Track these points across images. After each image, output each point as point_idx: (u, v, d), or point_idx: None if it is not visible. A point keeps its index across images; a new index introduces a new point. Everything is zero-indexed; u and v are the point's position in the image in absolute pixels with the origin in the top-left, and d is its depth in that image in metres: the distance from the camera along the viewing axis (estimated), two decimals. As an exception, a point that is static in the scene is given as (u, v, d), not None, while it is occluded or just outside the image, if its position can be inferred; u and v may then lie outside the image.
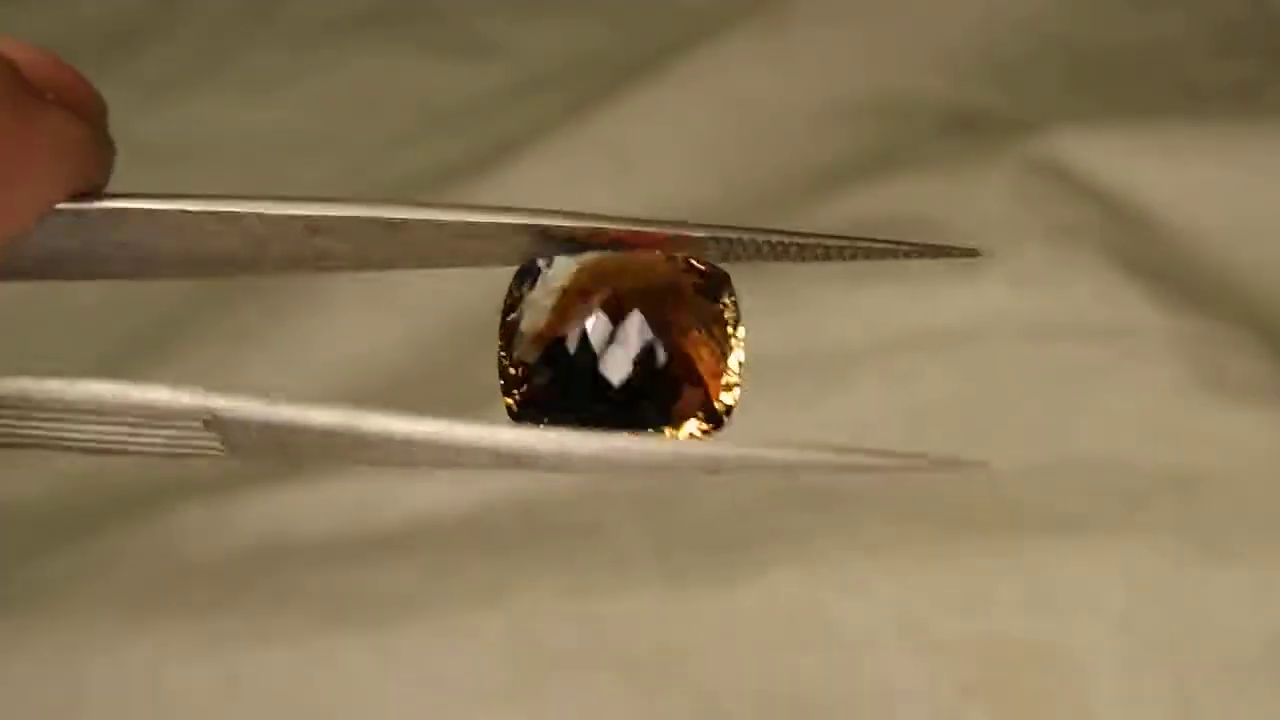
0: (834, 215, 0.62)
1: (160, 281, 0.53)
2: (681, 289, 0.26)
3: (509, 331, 0.25)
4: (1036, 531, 0.52)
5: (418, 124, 0.69)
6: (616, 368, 0.25)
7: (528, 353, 0.25)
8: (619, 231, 0.25)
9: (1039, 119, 0.63)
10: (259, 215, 0.26)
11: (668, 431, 0.26)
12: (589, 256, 0.26)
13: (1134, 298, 0.57)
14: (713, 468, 0.26)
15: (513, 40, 0.72)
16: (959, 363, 0.56)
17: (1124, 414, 0.55)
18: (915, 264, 0.57)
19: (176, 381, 0.24)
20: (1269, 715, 0.48)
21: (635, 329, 0.25)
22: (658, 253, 0.26)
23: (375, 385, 0.58)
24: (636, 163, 0.65)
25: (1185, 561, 0.51)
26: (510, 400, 0.25)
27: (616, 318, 0.25)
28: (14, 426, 0.25)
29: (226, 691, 0.49)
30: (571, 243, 0.26)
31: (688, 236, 0.25)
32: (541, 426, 0.25)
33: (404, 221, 0.25)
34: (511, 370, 0.25)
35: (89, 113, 0.26)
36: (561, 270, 0.25)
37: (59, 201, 0.25)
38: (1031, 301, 0.57)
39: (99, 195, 0.26)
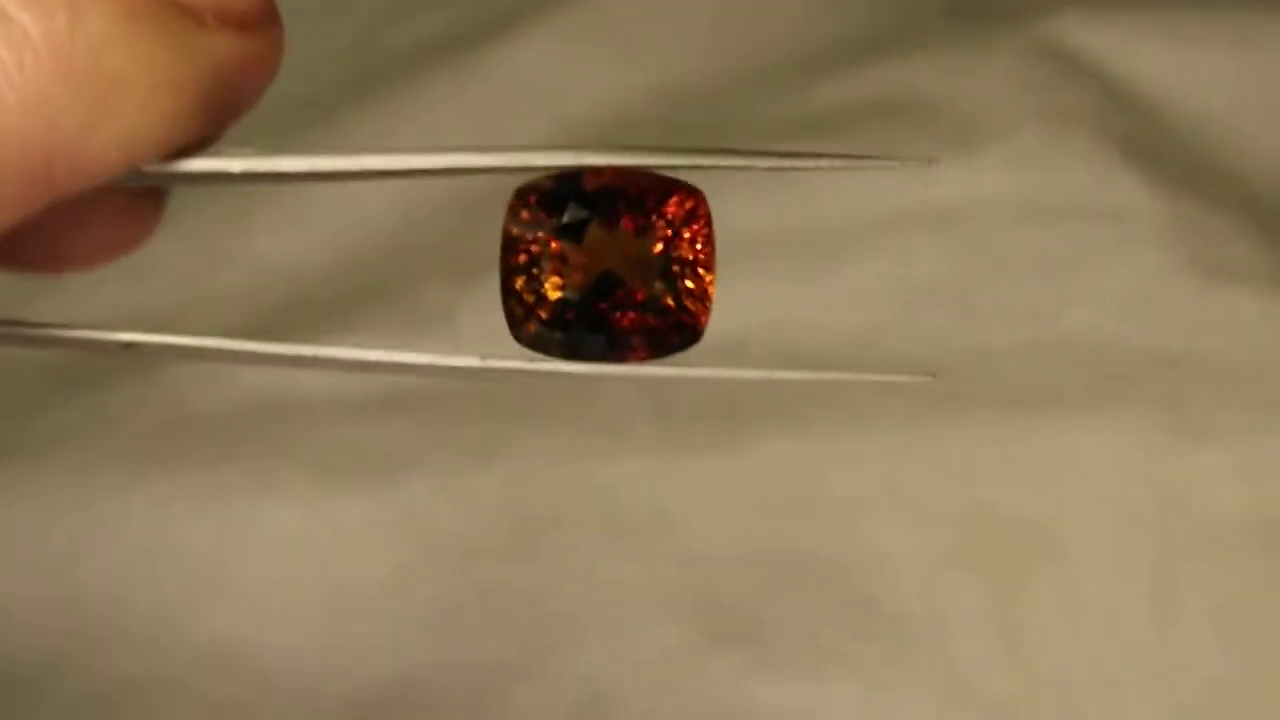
0: (832, 96, 0.62)
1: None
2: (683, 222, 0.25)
3: (528, 271, 0.25)
4: (1026, 408, 0.52)
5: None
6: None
7: (546, 294, 0.25)
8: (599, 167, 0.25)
9: (1041, 2, 0.63)
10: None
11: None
12: (597, 194, 0.25)
13: (1130, 181, 0.57)
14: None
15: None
16: (953, 242, 0.57)
17: (1115, 295, 0.55)
18: (913, 144, 0.58)
19: (183, 241, 0.25)
20: (1250, 591, 0.49)
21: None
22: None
23: (376, 251, 0.58)
24: (637, 41, 0.65)
25: (1171, 438, 0.51)
26: (530, 328, 0.25)
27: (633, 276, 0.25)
28: None
29: (228, 541, 0.50)
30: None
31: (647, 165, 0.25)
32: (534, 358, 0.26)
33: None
34: (529, 300, 0.25)
35: (251, 20, 0.24)
36: (574, 214, 0.25)
37: (183, 136, 0.23)
38: (1027, 183, 0.57)
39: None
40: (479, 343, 0.25)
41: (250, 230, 0.59)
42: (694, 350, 0.26)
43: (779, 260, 0.56)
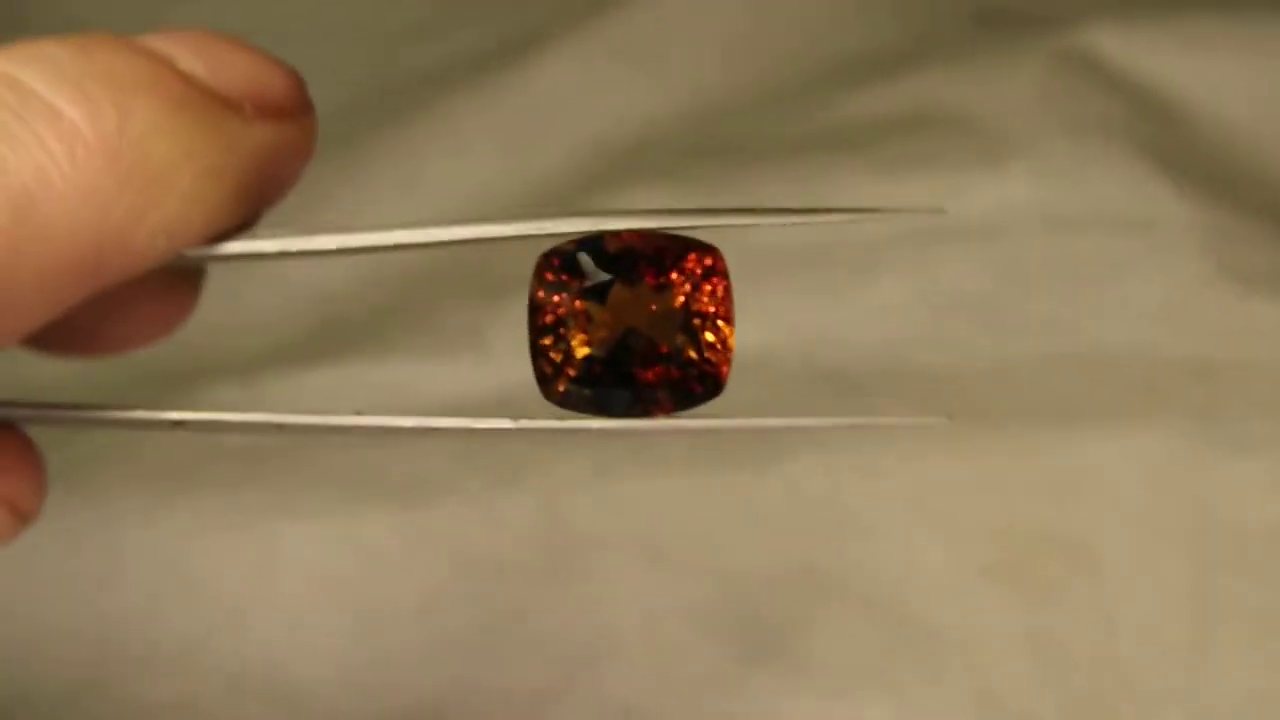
0: (859, 108, 0.62)
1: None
2: (700, 281, 0.26)
3: (555, 331, 0.26)
4: (1058, 420, 0.52)
5: (444, 15, 0.69)
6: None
7: (573, 353, 0.26)
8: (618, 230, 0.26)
9: (1067, 13, 0.63)
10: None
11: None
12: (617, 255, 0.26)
13: (1159, 190, 0.57)
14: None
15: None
16: (982, 254, 0.56)
17: (1146, 305, 0.55)
18: (941, 156, 0.58)
19: (212, 266, 0.26)
20: (1283, 602, 0.49)
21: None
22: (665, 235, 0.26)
23: (404, 272, 0.58)
24: (663, 58, 0.65)
25: (1203, 450, 0.51)
26: (559, 386, 0.26)
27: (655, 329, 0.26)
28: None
29: (258, 563, 0.50)
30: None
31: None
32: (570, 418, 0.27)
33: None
34: (558, 358, 0.26)
35: (287, 110, 0.25)
36: (597, 275, 0.26)
37: (225, 220, 0.25)
38: (1056, 194, 0.57)
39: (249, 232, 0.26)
40: (508, 361, 0.25)
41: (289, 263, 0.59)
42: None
43: (808, 274, 0.56)
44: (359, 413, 0.27)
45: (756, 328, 0.55)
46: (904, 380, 0.53)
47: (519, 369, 0.53)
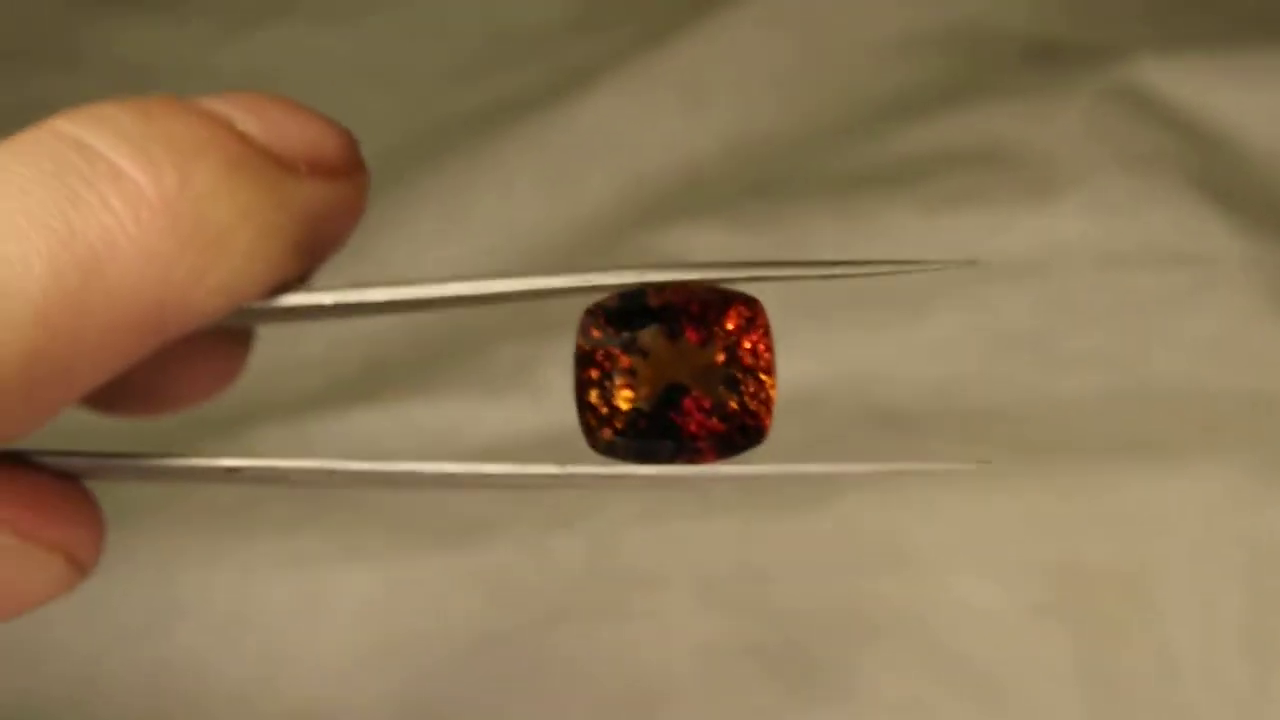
0: (908, 146, 0.62)
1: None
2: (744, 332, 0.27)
3: (600, 384, 0.26)
4: (1112, 456, 0.52)
5: (488, 55, 0.69)
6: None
7: (618, 405, 0.26)
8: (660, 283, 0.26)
9: (1116, 47, 0.63)
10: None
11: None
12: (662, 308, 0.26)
13: (1211, 224, 0.57)
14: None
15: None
16: (1035, 290, 0.56)
17: (1200, 340, 0.54)
18: (993, 192, 0.58)
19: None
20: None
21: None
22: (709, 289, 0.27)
23: (453, 311, 0.58)
24: (709, 95, 0.65)
25: (1259, 485, 0.51)
26: (605, 437, 0.26)
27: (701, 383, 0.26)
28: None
29: (311, 606, 0.50)
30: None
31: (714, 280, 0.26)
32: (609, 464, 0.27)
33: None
34: (603, 411, 0.26)
35: (341, 169, 0.26)
36: (640, 329, 0.26)
37: (281, 276, 0.25)
38: (1108, 228, 0.57)
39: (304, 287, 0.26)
40: (558, 401, 0.26)
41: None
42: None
43: (859, 311, 0.56)
44: (410, 459, 0.27)
45: (807, 365, 0.55)
46: (957, 418, 0.53)
47: (568, 409, 0.53)
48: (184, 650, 0.49)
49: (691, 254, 0.58)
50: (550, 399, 0.54)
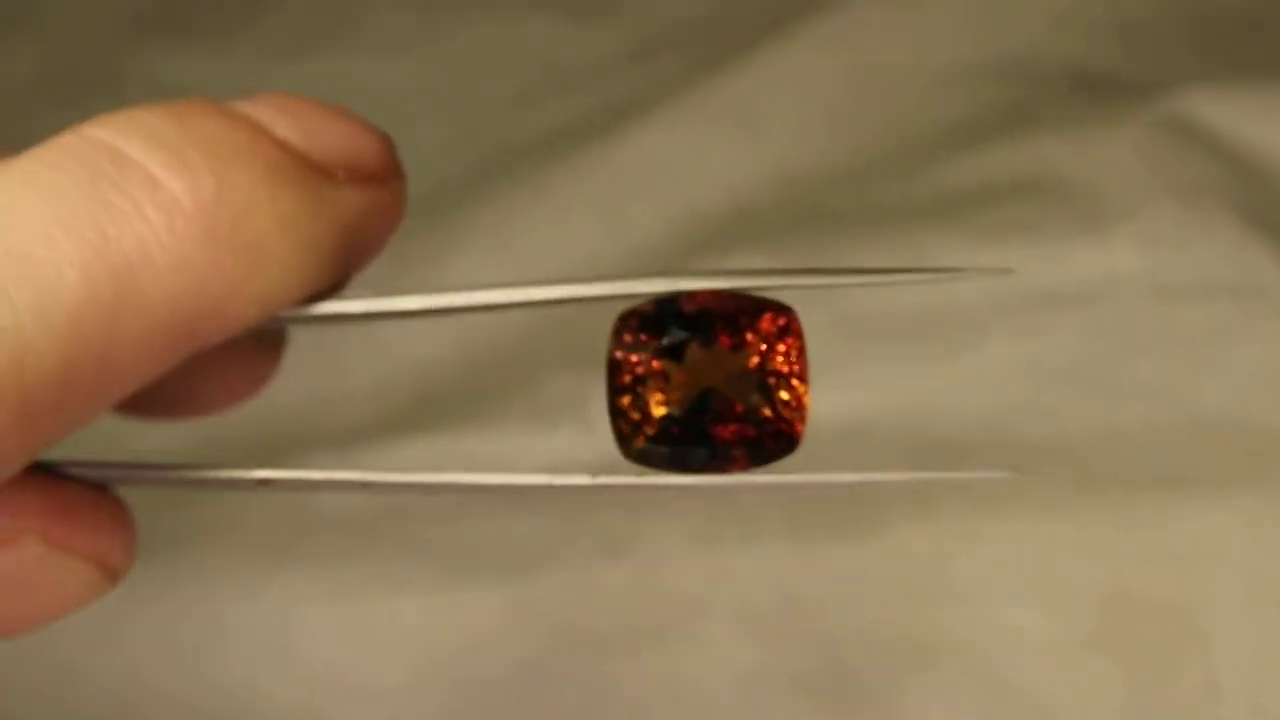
0: (960, 177, 0.62)
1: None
2: (776, 341, 0.27)
3: (634, 390, 0.26)
4: (1160, 487, 0.52)
5: (543, 85, 0.70)
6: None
7: (651, 411, 0.26)
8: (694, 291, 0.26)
9: (1166, 79, 0.63)
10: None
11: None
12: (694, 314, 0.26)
13: (1260, 256, 0.56)
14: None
15: (636, 2, 0.72)
16: (1085, 321, 0.56)
17: (1250, 372, 0.54)
18: (1044, 223, 0.58)
19: (311, 337, 0.26)
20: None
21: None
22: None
23: (500, 340, 0.59)
24: (762, 125, 0.65)
25: (1309, 517, 0.51)
26: (638, 444, 0.26)
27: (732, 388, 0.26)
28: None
29: (357, 638, 0.50)
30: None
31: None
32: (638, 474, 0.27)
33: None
34: (636, 417, 0.26)
35: (379, 176, 0.26)
36: (668, 334, 0.26)
37: (319, 283, 0.25)
38: (1159, 260, 0.57)
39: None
40: (609, 431, 0.25)
41: (377, 325, 0.60)
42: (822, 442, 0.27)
43: (907, 342, 0.56)
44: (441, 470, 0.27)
45: (857, 395, 0.55)
46: (1007, 449, 0.53)
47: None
48: (230, 676, 0.50)
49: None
50: (601, 430, 0.54)
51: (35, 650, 0.50)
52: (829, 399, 0.55)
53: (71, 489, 0.26)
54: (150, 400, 0.27)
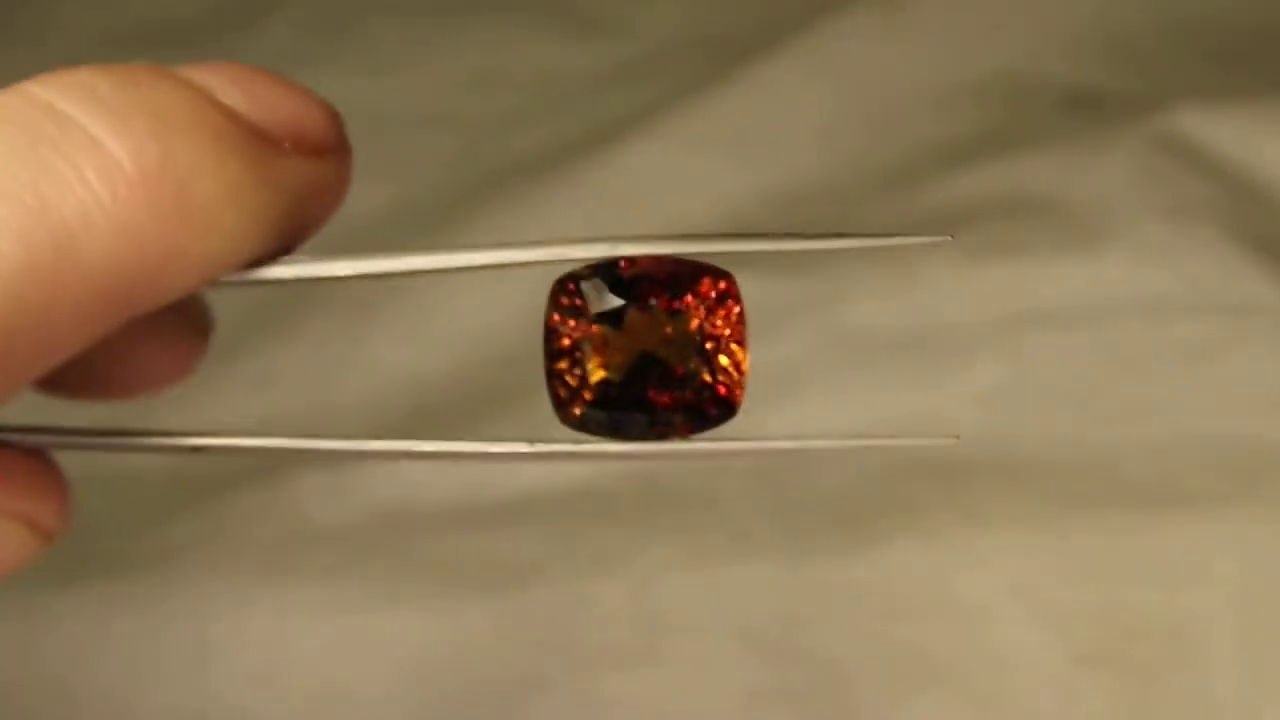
0: (954, 193, 0.62)
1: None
2: (715, 305, 0.26)
3: (571, 355, 0.26)
4: (1153, 505, 0.52)
5: (536, 102, 0.70)
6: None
7: (589, 377, 0.26)
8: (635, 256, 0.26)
9: (1161, 97, 0.63)
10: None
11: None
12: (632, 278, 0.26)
13: (1255, 275, 0.56)
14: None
15: (631, 18, 0.72)
16: (1077, 341, 0.56)
17: (1243, 390, 0.54)
18: (1034, 241, 0.58)
19: (306, 350, 0.26)
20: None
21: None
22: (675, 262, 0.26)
23: (494, 356, 0.59)
24: (752, 144, 0.66)
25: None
26: (575, 410, 0.26)
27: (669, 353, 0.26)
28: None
29: (351, 653, 0.50)
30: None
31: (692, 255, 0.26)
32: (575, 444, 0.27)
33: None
34: (574, 383, 0.26)
35: (326, 147, 0.25)
36: (606, 299, 0.26)
37: (262, 254, 0.24)
38: (1152, 279, 0.57)
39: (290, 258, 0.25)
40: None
41: (372, 339, 0.60)
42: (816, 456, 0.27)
43: (902, 361, 0.56)
44: (378, 437, 0.27)
45: (849, 413, 0.55)
46: (1001, 468, 0.53)
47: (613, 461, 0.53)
48: (221, 693, 0.49)
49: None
50: None
51: (23, 663, 0.50)
52: (825, 415, 0.55)
53: (3, 453, 0.25)
54: (76, 378, 0.27)
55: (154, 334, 0.27)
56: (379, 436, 0.26)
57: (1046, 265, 0.58)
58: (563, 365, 0.26)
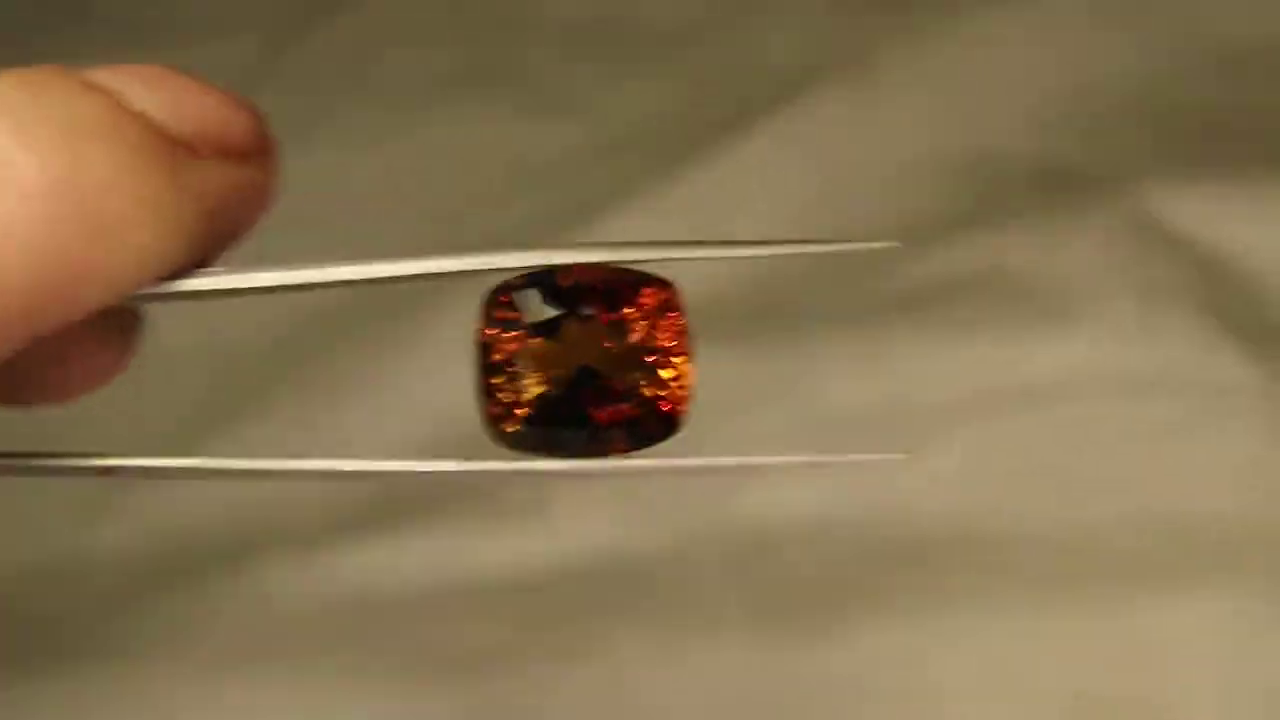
0: (923, 272, 0.62)
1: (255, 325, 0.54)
2: (658, 315, 0.26)
3: (506, 370, 0.25)
4: (1130, 585, 0.52)
5: (508, 182, 0.70)
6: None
7: (525, 391, 0.25)
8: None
9: (1128, 176, 0.63)
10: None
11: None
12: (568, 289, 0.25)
13: (1225, 353, 0.56)
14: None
15: (600, 100, 0.72)
16: (1051, 419, 0.56)
17: (1217, 469, 0.54)
18: (1008, 319, 0.58)
19: (270, 438, 0.25)
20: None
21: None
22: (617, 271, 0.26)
23: (472, 431, 0.58)
24: (725, 220, 0.65)
25: (1276, 612, 0.50)
26: (509, 427, 0.25)
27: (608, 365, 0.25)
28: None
29: None
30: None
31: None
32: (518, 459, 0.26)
33: None
34: (508, 399, 0.25)
35: (248, 151, 0.24)
36: (542, 310, 0.25)
37: (180, 267, 0.23)
38: (1123, 356, 0.57)
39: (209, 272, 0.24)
40: (572, 527, 0.25)
41: (344, 422, 0.59)
42: (790, 539, 0.26)
43: (874, 439, 0.56)
44: (301, 456, 0.26)
45: (823, 492, 0.55)
46: (973, 547, 0.53)
47: (582, 539, 0.53)
48: None
49: (706, 380, 0.58)
50: (564, 530, 0.54)
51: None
52: (795, 495, 0.55)
53: None
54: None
55: (78, 337, 0.26)
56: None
57: (1018, 343, 0.58)
58: (497, 380, 0.25)
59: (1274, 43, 0.69)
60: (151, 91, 0.23)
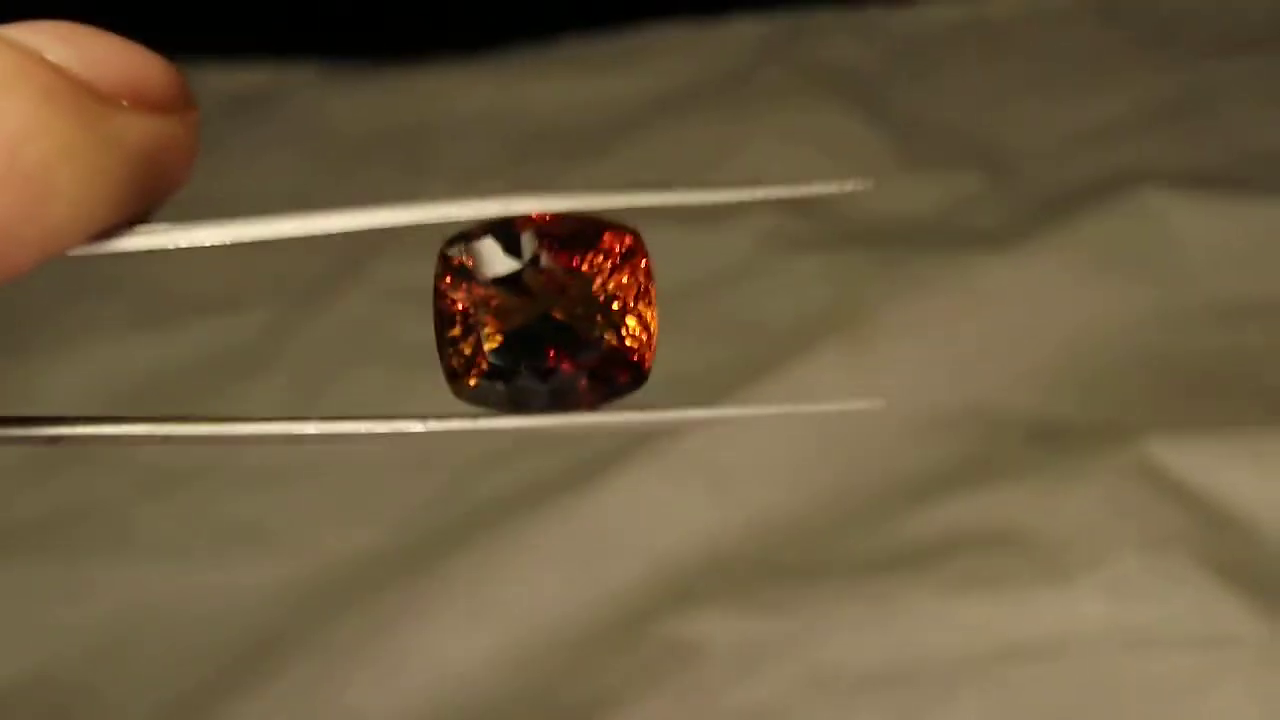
0: (924, 527, 0.62)
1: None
2: (622, 262, 0.25)
3: (465, 321, 0.25)
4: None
5: (512, 441, 0.70)
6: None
7: (486, 341, 0.24)
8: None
9: (1128, 429, 0.64)
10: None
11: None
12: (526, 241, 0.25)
13: (1232, 606, 0.56)
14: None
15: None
16: (1055, 674, 0.56)
17: (1222, 722, 0.54)
18: (1010, 574, 0.58)
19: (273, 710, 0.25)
20: None
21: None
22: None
23: (473, 704, 0.58)
24: (730, 478, 0.66)
25: None
26: (470, 381, 0.25)
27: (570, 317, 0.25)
28: None
29: None
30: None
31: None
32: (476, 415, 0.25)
33: None
34: (468, 351, 0.25)
35: (168, 104, 0.23)
36: (501, 260, 0.24)
37: (110, 222, 0.23)
38: (1128, 611, 0.57)
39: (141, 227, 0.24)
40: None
41: (350, 683, 0.59)
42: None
43: (882, 699, 0.55)
44: (260, 419, 0.25)
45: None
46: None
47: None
48: None
49: (712, 641, 0.58)
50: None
51: None
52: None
53: None
54: None
55: None
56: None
57: (1023, 598, 0.58)
58: (455, 333, 0.25)
59: (1270, 297, 0.70)
60: (66, 44, 0.22)
